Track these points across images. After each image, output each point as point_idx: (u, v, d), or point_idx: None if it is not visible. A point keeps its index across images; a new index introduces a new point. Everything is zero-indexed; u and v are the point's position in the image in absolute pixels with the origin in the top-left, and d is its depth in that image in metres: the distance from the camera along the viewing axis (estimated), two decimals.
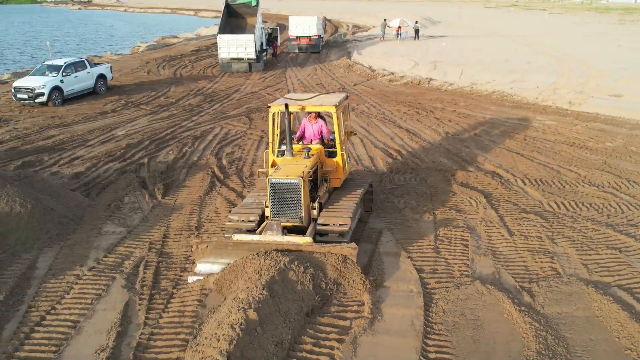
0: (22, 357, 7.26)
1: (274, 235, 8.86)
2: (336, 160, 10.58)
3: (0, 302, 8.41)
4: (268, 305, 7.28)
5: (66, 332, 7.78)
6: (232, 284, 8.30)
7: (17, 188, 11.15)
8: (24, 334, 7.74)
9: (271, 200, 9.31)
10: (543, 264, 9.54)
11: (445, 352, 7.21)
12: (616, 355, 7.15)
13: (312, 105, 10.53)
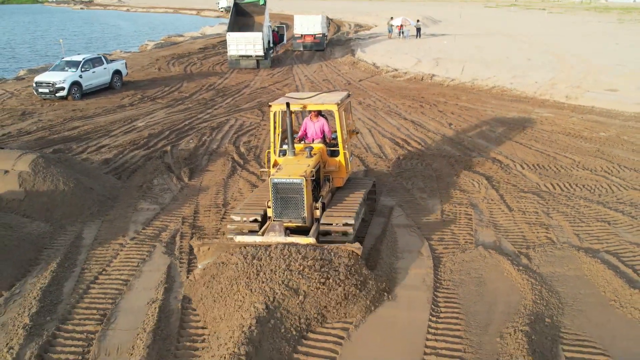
0: (83, 307, 8.33)
1: (277, 237, 8.65)
2: (339, 159, 10.42)
3: (57, 265, 9.47)
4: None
5: (119, 288, 8.85)
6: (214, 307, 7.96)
7: (60, 168, 12.24)
8: (82, 290, 8.81)
9: (273, 200, 9.17)
10: (539, 233, 10.61)
11: (453, 302, 8.28)
12: (602, 306, 8.21)
13: (313, 104, 10.40)
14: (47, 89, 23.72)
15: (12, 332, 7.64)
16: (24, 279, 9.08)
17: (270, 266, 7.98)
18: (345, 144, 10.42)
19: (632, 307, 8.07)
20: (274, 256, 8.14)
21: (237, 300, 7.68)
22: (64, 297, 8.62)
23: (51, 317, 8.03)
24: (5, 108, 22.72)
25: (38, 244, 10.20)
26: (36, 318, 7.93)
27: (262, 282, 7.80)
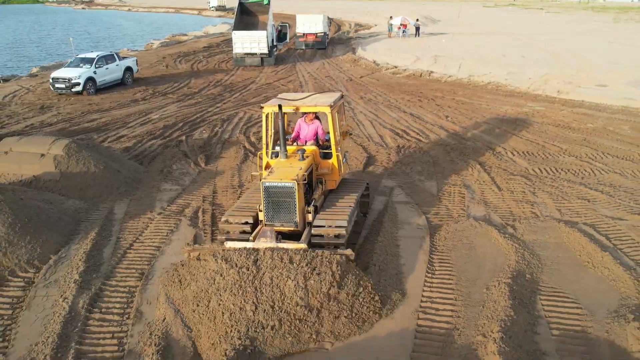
0: (123, 267, 9.54)
1: (268, 243, 8.49)
2: (332, 162, 10.21)
3: (96, 234, 10.67)
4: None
5: (152, 253, 10.05)
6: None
7: (90, 152, 13.44)
8: (120, 254, 10.02)
9: (265, 204, 8.97)
10: (524, 209, 11.81)
11: (446, 263, 9.50)
12: (577, 266, 9.41)
13: (306, 106, 10.14)
14: (64, 84, 24.89)
15: (64, 286, 8.84)
16: (68, 246, 10.28)
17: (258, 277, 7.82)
18: (338, 146, 10.17)
19: (602, 267, 9.26)
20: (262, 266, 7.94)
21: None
22: (105, 260, 9.82)
23: (96, 275, 9.23)
24: (24, 102, 23.89)
25: (76, 217, 11.39)
26: (84, 275, 9.13)
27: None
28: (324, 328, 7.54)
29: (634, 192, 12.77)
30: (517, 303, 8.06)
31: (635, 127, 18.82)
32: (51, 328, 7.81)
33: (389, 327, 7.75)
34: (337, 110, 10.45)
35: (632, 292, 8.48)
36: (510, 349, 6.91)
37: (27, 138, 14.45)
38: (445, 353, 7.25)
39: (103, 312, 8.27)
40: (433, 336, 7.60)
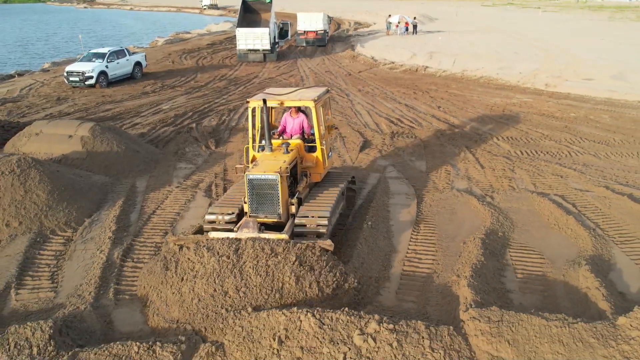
0: (149, 228, 10.97)
1: (250, 233, 8.78)
2: (316, 155, 10.43)
3: (122, 202, 12.09)
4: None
5: (173, 217, 11.47)
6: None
7: (112, 134, 14.85)
8: (145, 218, 11.44)
9: (249, 196, 9.19)
10: (503, 183, 13.22)
11: (430, 224, 10.92)
12: (544, 228, 10.81)
13: (291, 100, 10.36)
14: (78, 77, 26.29)
15: (100, 242, 10.27)
16: (99, 211, 11.71)
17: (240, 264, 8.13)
18: (322, 140, 10.38)
19: (567, 228, 10.67)
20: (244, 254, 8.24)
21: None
22: (132, 222, 11.26)
23: (127, 233, 10.66)
24: (41, 94, 25.29)
25: (103, 189, 12.82)
26: (116, 233, 10.56)
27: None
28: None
29: (604, 170, 14.15)
30: (488, 253, 9.46)
31: (615, 116, 20.18)
32: (92, 273, 9.23)
33: (380, 275, 9.14)
34: (321, 105, 10.61)
35: (589, 247, 9.88)
36: (479, 285, 8.30)
37: (55, 121, 15.90)
38: (425, 289, 8.67)
39: (135, 261, 9.67)
40: (416, 278, 9.02)
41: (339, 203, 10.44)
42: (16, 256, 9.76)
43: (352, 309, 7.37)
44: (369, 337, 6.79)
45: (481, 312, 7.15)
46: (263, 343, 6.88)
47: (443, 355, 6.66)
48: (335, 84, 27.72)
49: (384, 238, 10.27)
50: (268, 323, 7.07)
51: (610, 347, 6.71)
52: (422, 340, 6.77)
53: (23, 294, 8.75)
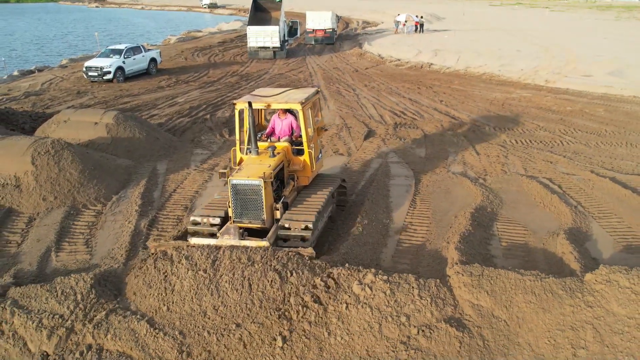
0: (171, 203, 12.13)
1: (231, 240, 8.72)
2: (303, 159, 10.23)
3: (145, 182, 13.25)
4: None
5: (192, 195, 12.62)
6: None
7: (134, 122, 16.03)
8: (167, 195, 12.60)
9: (233, 201, 9.05)
10: (496, 167, 14.26)
11: (425, 201, 12.01)
12: (530, 205, 11.85)
13: (277, 103, 10.13)
14: (96, 72, 27.54)
15: (128, 214, 11.43)
16: (124, 189, 12.87)
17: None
18: (310, 142, 10.18)
19: (551, 205, 11.71)
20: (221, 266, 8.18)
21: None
22: (156, 199, 12.42)
23: (151, 208, 11.83)
24: (61, 88, 26.55)
25: (127, 171, 13.99)
26: (141, 207, 11.73)
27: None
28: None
29: (592, 157, 15.15)
30: (476, 224, 10.53)
31: (609, 110, 21.12)
32: (122, 239, 10.38)
33: (378, 242, 10.23)
34: (310, 107, 10.42)
35: (569, 221, 10.91)
36: (466, 249, 9.37)
37: (81, 110, 17.13)
38: (418, 254, 9.76)
39: (159, 230, 10.82)
40: (411, 245, 10.12)
41: (326, 207, 10.26)
42: (53, 226, 10.94)
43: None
44: (366, 287, 7.89)
45: (464, 268, 8.22)
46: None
47: (430, 302, 7.75)
48: (342, 80, 28.82)
49: (383, 212, 11.36)
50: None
51: (577, 297, 7.77)
52: (412, 289, 7.85)
53: (62, 256, 9.91)
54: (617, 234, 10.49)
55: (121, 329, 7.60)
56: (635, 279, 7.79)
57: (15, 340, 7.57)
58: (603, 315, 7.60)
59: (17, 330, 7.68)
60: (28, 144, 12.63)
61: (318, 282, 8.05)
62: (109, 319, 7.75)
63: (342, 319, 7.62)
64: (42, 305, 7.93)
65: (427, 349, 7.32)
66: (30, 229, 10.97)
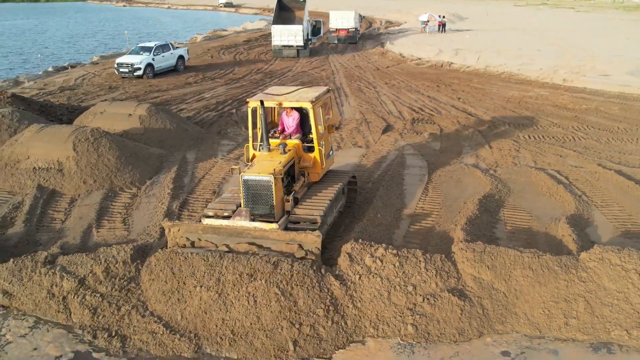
0: (200, 187, 13.10)
1: (242, 221, 9.08)
2: (314, 156, 10.54)
3: (176, 169, 14.24)
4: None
5: (219, 181, 13.57)
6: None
7: (165, 114, 17.08)
8: (196, 181, 13.57)
9: (244, 195, 9.46)
10: (507, 160, 14.96)
11: (437, 189, 12.79)
12: (537, 194, 12.53)
13: (288, 101, 10.47)
14: (127, 68, 28.77)
15: (161, 196, 12.43)
16: (157, 175, 13.89)
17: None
18: (320, 140, 10.51)
19: (557, 195, 12.39)
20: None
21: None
22: (186, 184, 13.41)
23: (182, 191, 12.81)
24: (94, 84, 27.82)
25: (159, 159, 15.01)
26: (173, 191, 12.73)
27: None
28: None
29: (601, 152, 15.73)
30: (483, 210, 11.29)
31: (624, 108, 21.58)
32: (156, 218, 11.36)
33: (391, 224, 11.05)
34: (320, 105, 10.71)
35: (572, 208, 11.58)
36: (472, 230, 10.14)
37: (116, 102, 18.28)
38: (427, 235, 10.56)
39: (190, 211, 11.79)
40: (421, 227, 10.92)
41: (336, 202, 10.61)
42: (94, 205, 11.97)
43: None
44: (377, 259, 8.72)
45: (468, 245, 9.01)
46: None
47: (435, 274, 8.55)
48: (363, 78, 29.62)
49: (397, 198, 12.18)
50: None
51: (571, 273, 8.51)
52: (419, 263, 8.66)
53: (102, 232, 10.93)
54: (618, 221, 11.15)
55: (140, 328, 8.11)
56: (626, 257, 8.51)
57: (65, 306, 8.48)
58: (595, 290, 8.33)
59: (66, 296, 8.60)
60: (69, 132, 13.71)
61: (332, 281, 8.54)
62: (130, 315, 8.29)
63: (355, 288, 8.44)
64: (87, 271, 8.89)
65: (431, 315, 8.12)
66: (73, 208, 12.02)
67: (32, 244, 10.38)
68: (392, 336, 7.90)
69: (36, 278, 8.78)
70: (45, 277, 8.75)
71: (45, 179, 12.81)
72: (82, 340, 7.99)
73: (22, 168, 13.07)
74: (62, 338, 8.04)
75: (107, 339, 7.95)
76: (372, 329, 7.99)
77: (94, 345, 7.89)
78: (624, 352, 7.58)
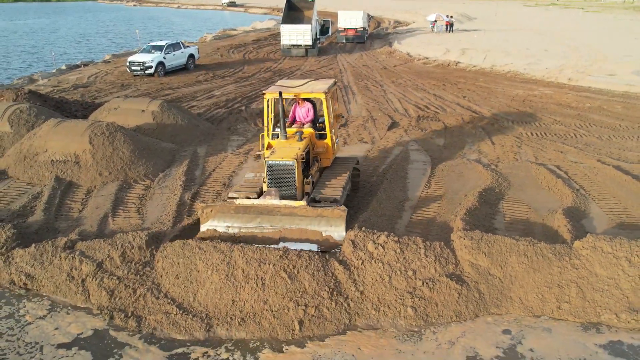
0: (211, 180, 13.61)
1: (272, 199, 9.81)
2: (326, 142, 11.41)
3: (188, 163, 14.75)
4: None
5: (229, 174, 14.07)
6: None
7: (177, 110, 17.61)
8: (207, 174, 14.08)
9: (268, 179, 10.23)
10: (509, 155, 15.36)
11: (439, 182, 13.22)
12: (536, 188, 12.93)
13: (304, 93, 11.24)
14: (139, 67, 29.38)
15: (173, 187, 12.95)
16: (169, 168, 14.41)
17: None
18: (332, 128, 11.45)
19: (555, 188, 12.78)
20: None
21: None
22: (197, 176, 13.92)
23: (193, 183, 13.33)
24: (106, 81, 28.44)
25: (171, 153, 15.53)
26: (185, 183, 13.24)
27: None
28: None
29: (602, 149, 16.09)
30: (483, 202, 11.70)
31: (627, 107, 21.89)
32: (169, 209, 11.87)
33: (394, 214, 11.50)
34: (330, 96, 11.56)
35: (570, 201, 11.97)
36: (471, 221, 10.57)
37: (129, 99, 18.84)
38: (428, 225, 11.00)
39: (201, 201, 12.26)
40: (423, 218, 11.36)
41: (348, 184, 11.62)
42: (109, 196, 12.51)
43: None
44: (379, 246, 9.17)
45: (466, 233, 9.45)
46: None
47: (434, 260, 9.00)
48: (371, 76, 30.06)
49: (400, 190, 12.63)
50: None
51: (564, 260, 8.93)
52: (419, 249, 9.11)
53: (118, 221, 11.45)
54: (613, 213, 11.54)
55: (155, 309, 8.55)
56: (617, 246, 8.93)
57: (83, 289, 9.00)
58: (587, 276, 8.76)
59: (85, 278, 9.12)
60: (86, 126, 14.26)
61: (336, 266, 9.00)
62: (146, 297, 8.75)
63: (358, 272, 8.90)
64: (104, 255, 9.40)
65: (429, 298, 8.57)
66: (89, 198, 12.56)
67: (52, 231, 10.90)
68: (393, 317, 8.34)
69: (57, 262, 9.30)
70: (65, 261, 9.27)
71: (63, 171, 13.36)
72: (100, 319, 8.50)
73: (41, 160, 13.62)
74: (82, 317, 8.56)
75: (124, 319, 8.43)
76: (373, 311, 8.44)
77: (114, 324, 8.38)
78: (612, 332, 8.00)
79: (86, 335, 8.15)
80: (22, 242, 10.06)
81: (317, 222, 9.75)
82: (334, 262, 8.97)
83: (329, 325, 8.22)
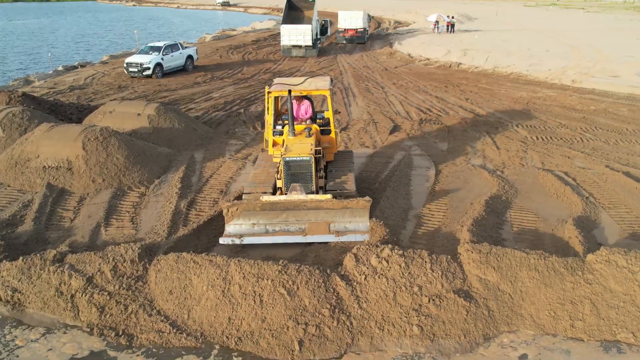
0: (208, 187, 13.16)
1: (299, 195, 10.01)
2: (330, 137, 11.80)
3: (184, 168, 14.31)
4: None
5: (227, 181, 13.62)
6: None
7: (174, 113, 17.17)
8: (204, 180, 13.64)
9: (285, 175, 10.39)
10: (514, 161, 14.93)
11: (444, 189, 12.78)
12: (544, 195, 12.50)
13: (310, 90, 11.63)
14: (136, 68, 28.94)
15: (169, 195, 12.51)
16: (165, 175, 13.96)
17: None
18: (335, 123, 11.93)
19: (564, 196, 12.35)
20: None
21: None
22: (194, 183, 13.48)
23: (190, 191, 12.89)
24: (104, 83, 28.00)
25: (168, 158, 15.08)
26: (181, 190, 12.79)
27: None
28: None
29: (609, 154, 15.67)
30: (490, 211, 11.28)
31: (633, 110, 21.48)
32: (164, 217, 11.44)
33: (397, 224, 11.07)
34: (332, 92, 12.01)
35: (579, 210, 11.56)
36: (478, 232, 10.14)
37: (125, 101, 18.39)
38: (434, 236, 10.57)
39: (197, 210, 11.85)
40: (428, 227, 10.92)
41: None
42: (102, 204, 12.07)
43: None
44: (383, 260, 8.74)
45: (474, 246, 9.02)
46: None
47: (440, 275, 8.57)
48: (371, 78, 29.64)
49: (404, 198, 12.20)
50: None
51: (577, 275, 8.51)
52: (425, 263, 8.68)
53: (110, 231, 11.02)
54: (625, 222, 11.11)
55: (147, 327, 8.12)
56: (632, 260, 8.50)
57: (72, 305, 8.54)
58: (601, 292, 8.33)
59: (74, 294, 8.66)
60: (79, 131, 13.82)
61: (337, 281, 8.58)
62: (137, 314, 8.31)
63: (360, 288, 8.47)
64: (95, 269, 8.96)
65: (436, 316, 8.14)
66: (82, 206, 12.12)
67: (42, 242, 10.47)
68: (398, 337, 7.91)
69: (45, 276, 8.86)
70: (53, 275, 8.83)
71: (55, 178, 12.93)
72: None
73: (32, 166, 13.19)
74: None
75: (114, 337, 8.00)
76: (377, 330, 8.01)
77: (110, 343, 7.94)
78: (634, 352, 7.58)
79: (82, 356, 7.71)
80: (10, 254, 9.63)
81: (342, 214, 10.08)
82: (335, 278, 8.54)
83: (331, 346, 7.79)
